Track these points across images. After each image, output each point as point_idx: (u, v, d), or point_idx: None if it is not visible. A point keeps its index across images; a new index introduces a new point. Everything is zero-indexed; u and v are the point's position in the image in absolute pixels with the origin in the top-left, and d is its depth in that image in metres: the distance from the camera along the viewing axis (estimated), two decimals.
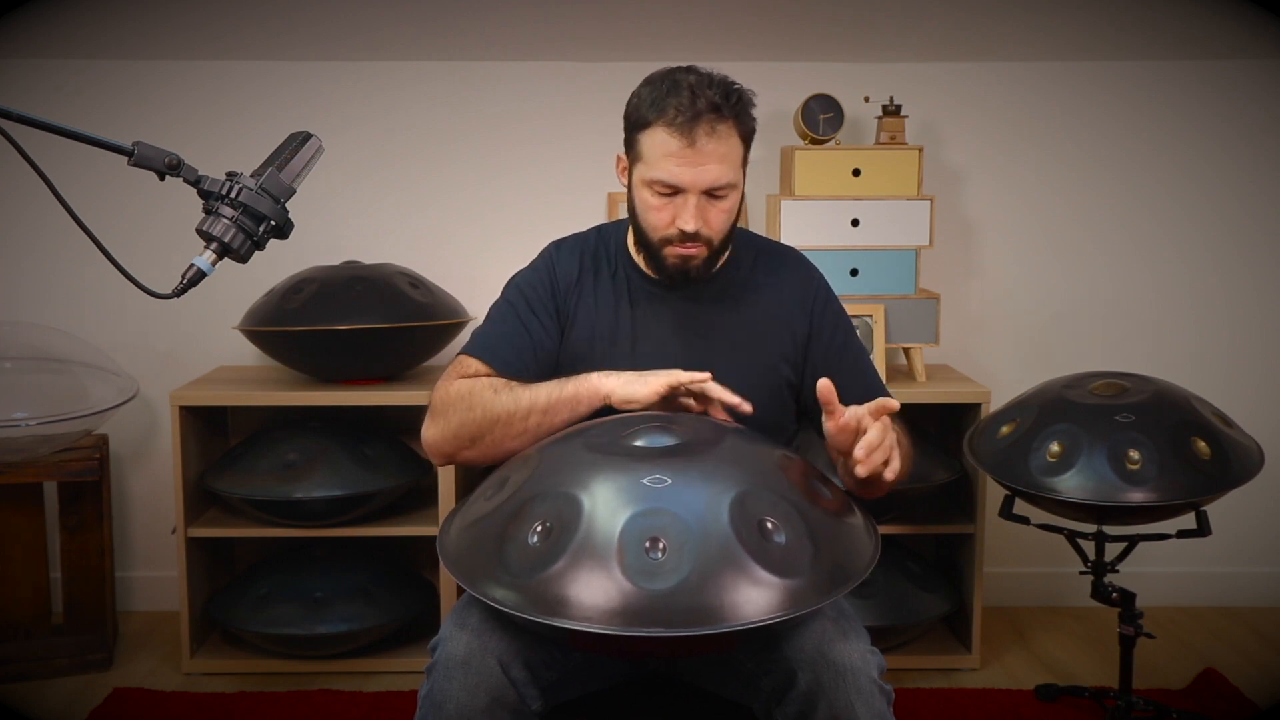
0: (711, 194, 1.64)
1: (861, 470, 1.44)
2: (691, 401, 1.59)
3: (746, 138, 1.66)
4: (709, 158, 1.60)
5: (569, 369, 1.70)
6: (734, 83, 1.65)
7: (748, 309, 1.78)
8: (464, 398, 1.63)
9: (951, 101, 3.09)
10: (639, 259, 1.77)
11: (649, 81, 1.65)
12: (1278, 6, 2.79)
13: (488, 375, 1.68)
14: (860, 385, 1.74)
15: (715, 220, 1.66)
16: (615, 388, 1.58)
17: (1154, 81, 3.09)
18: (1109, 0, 2.87)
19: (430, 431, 1.66)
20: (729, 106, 1.61)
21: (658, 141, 1.62)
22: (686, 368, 1.58)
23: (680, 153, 1.60)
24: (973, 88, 3.09)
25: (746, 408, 1.57)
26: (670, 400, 1.57)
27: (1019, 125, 3.11)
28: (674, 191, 1.63)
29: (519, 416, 1.59)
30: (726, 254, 1.77)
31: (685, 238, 1.65)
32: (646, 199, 1.66)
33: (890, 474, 1.48)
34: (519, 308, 1.75)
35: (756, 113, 1.68)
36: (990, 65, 3.08)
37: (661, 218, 1.66)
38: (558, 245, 1.83)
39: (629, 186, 1.71)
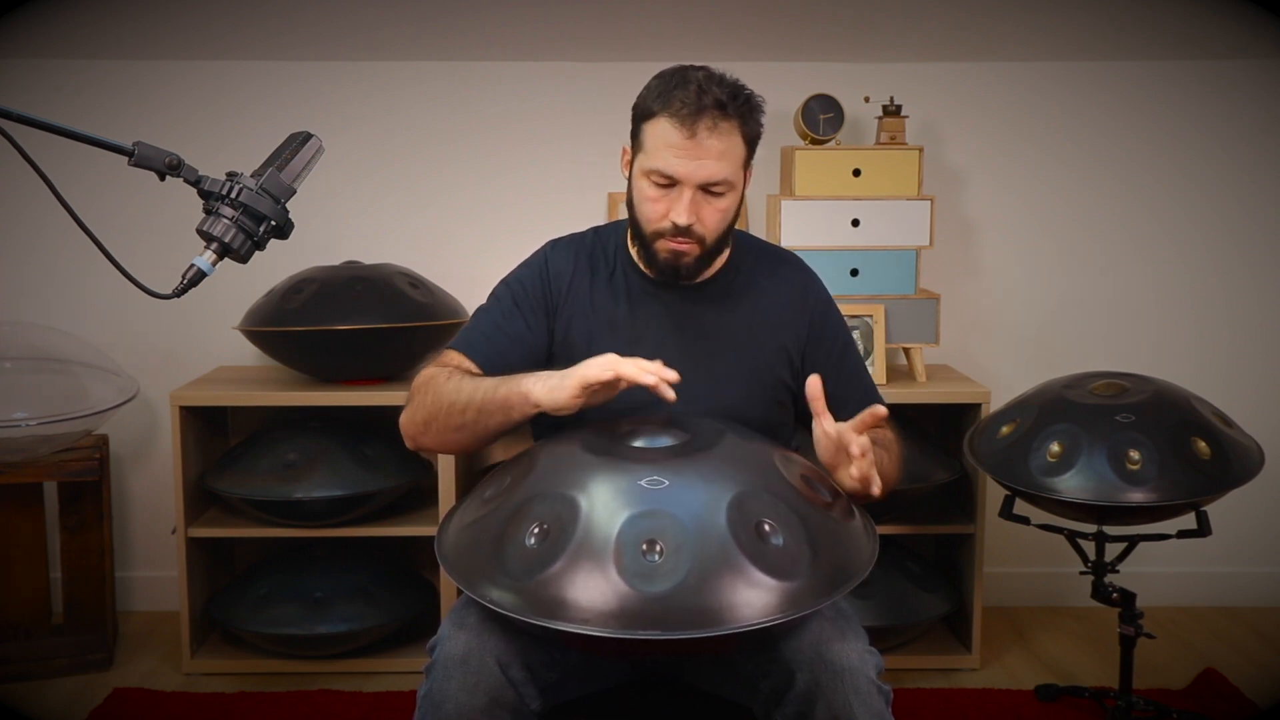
0: (708, 190, 1.64)
1: (850, 485, 1.50)
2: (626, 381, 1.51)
3: (750, 140, 1.66)
4: (708, 152, 1.61)
5: (566, 366, 1.70)
6: (745, 86, 1.65)
7: (746, 311, 1.77)
8: (426, 383, 1.66)
9: (951, 101, 3.09)
10: (637, 256, 1.77)
11: (660, 75, 1.66)
12: (1278, 6, 2.79)
13: (465, 366, 1.71)
14: (858, 395, 1.76)
15: (710, 218, 1.66)
16: (541, 396, 1.54)
17: (1154, 81, 3.09)
18: (1109, 0, 2.87)
19: (402, 415, 1.69)
20: (735, 106, 1.61)
21: (659, 132, 1.62)
22: (681, 368, 1.58)
23: (680, 144, 1.60)
24: (973, 88, 3.09)
25: (668, 384, 1.49)
26: (598, 392, 1.52)
27: (1019, 125, 3.11)
28: (671, 183, 1.63)
29: (458, 409, 1.60)
30: (723, 257, 1.77)
31: (678, 231, 1.64)
32: (644, 189, 1.66)
33: (875, 490, 1.50)
34: (504, 303, 1.77)
35: None
36: (990, 65, 3.08)
37: (656, 209, 1.66)
38: (554, 244, 1.84)
39: (629, 178, 1.71)
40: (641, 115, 1.66)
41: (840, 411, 1.62)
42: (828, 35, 2.97)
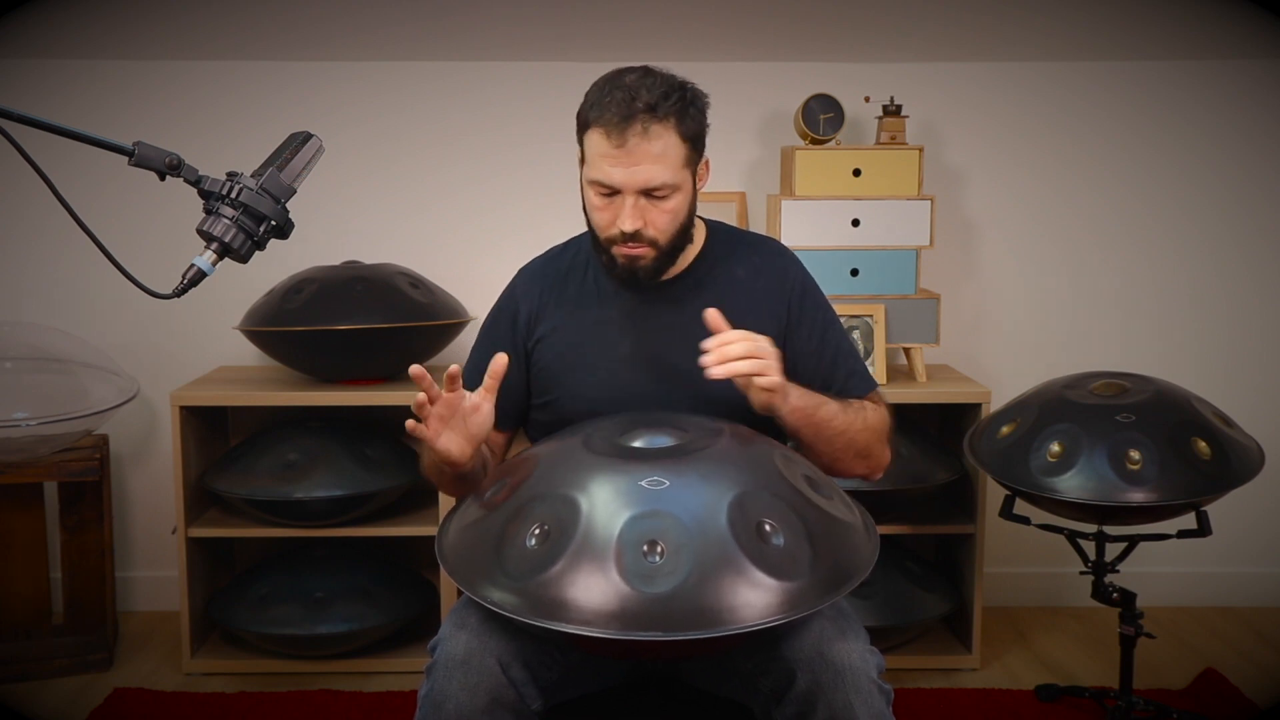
0: (650, 195, 1.63)
1: (714, 372, 1.48)
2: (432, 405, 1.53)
3: (691, 138, 1.64)
4: (642, 158, 1.60)
5: (555, 383, 1.75)
6: (682, 83, 1.64)
7: (723, 301, 1.75)
8: None
9: (951, 101, 3.09)
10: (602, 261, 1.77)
11: (597, 82, 1.66)
12: (1278, 6, 2.79)
13: None
14: (841, 374, 1.76)
15: (659, 221, 1.65)
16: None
17: (1154, 81, 3.09)
18: (1109, 0, 2.87)
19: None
20: (667, 106, 1.60)
21: (595, 142, 1.62)
22: (657, 366, 1.57)
23: (613, 153, 1.60)
24: (973, 88, 3.09)
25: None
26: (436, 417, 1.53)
27: (1019, 125, 3.11)
28: (612, 192, 1.64)
29: (434, 470, 1.66)
30: (692, 251, 1.76)
31: (627, 238, 1.65)
32: (590, 199, 1.67)
33: (763, 385, 1.50)
34: (481, 346, 1.83)
35: (757, 112, 1.69)
36: (990, 65, 3.08)
37: (604, 217, 1.66)
38: (521, 272, 1.86)
39: (580, 186, 1.72)
40: (581, 125, 1.66)
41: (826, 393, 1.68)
42: (828, 35, 2.97)
